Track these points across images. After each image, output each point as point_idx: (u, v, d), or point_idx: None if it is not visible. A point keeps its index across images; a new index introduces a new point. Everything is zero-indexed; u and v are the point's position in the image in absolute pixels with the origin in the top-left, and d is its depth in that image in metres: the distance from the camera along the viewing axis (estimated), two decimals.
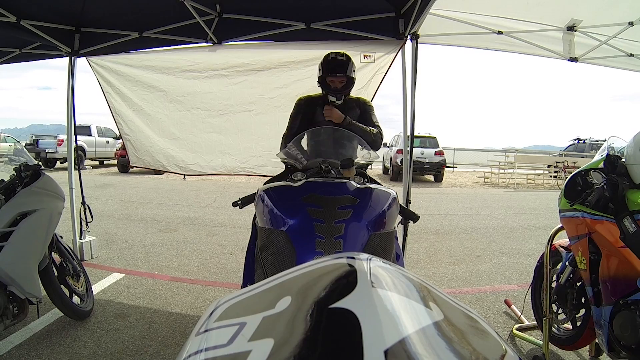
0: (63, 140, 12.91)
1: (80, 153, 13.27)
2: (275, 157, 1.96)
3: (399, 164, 11.21)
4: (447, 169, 14.04)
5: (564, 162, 13.14)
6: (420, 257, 4.51)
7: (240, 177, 6.41)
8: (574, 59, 3.49)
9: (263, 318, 0.47)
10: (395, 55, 3.20)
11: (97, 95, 3.87)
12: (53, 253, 2.65)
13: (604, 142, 2.24)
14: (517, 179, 13.01)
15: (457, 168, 17.14)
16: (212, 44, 3.42)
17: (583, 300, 2.20)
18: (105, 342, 2.47)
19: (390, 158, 13.19)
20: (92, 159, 15.36)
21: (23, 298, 2.21)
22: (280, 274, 0.56)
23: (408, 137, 3.13)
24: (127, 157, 4.36)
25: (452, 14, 3.04)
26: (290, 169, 1.94)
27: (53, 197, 2.51)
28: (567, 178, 2.20)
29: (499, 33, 3.21)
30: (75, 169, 4.10)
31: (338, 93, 2.29)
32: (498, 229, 6.09)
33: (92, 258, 4.13)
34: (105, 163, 16.23)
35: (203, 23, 3.19)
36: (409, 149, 3.13)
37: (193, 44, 3.52)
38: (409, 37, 3.03)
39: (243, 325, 0.47)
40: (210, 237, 5.22)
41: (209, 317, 0.53)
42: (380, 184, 1.70)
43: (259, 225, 1.55)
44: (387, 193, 1.53)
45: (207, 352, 0.45)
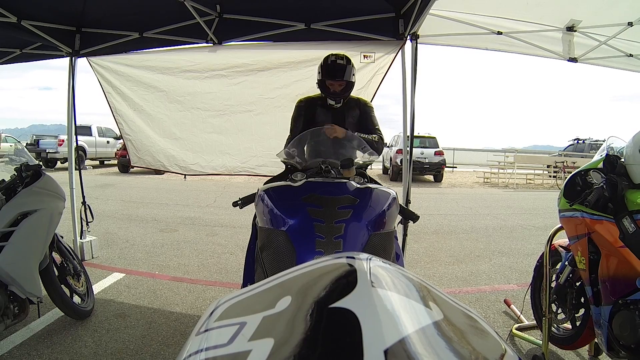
0: (64, 141, 12.92)
1: (81, 153, 13.26)
2: (276, 157, 1.97)
3: (399, 164, 11.22)
4: (446, 169, 14.02)
5: (564, 162, 13.13)
6: (420, 256, 4.51)
7: (241, 177, 6.41)
8: (574, 59, 3.49)
9: (263, 318, 0.47)
10: (395, 56, 3.20)
11: (97, 96, 3.88)
12: (54, 253, 2.65)
13: (604, 142, 2.24)
14: (516, 179, 13.00)
15: (456, 168, 17.13)
16: (212, 45, 3.41)
17: (582, 300, 2.20)
18: (106, 341, 2.47)
19: (390, 158, 13.18)
20: (92, 159, 15.36)
21: (24, 298, 2.21)
22: (280, 274, 0.56)
23: (408, 137, 3.13)
24: (127, 157, 4.36)
25: (451, 15, 3.05)
26: (291, 169, 1.95)
27: (54, 197, 2.51)
28: (566, 178, 2.20)
29: (499, 33, 3.22)
30: (76, 169, 4.10)
31: (337, 97, 2.28)
32: (498, 229, 6.08)
33: (92, 258, 4.13)
34: (106, 163, 16.23)
35: (203, 23, 3.19)
36: (409, 149, 3.14)
37: (193, 44, 3.52)
38: (409, 37, 3.03)
39: (243, 325, 0.47)
40: (211, 237, 5.22)
41: (209, 316, 0.53)
42: (380, 184, 1.70)
43: (259, 225, 1.55)
44: (387, 193, 1.54)
45: (207, 351, 0.46)
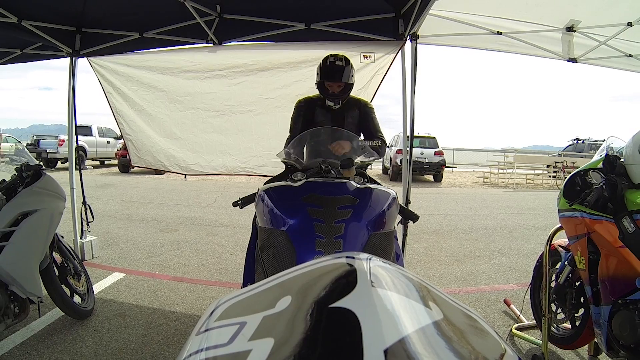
0: (64, 141, 12.93)
1: (81, 153, 13.26)
2: (276, 157, 1.97)
3: (399, 164, 11.21)
4: (446, 169, 14.02)
5: (563, 162, 13.13)
6: (420, 256, 4.52)
7: (241, 177, 6.41)
8: (573, 60, 3.49)
9: (263, 317, 0.47)
10: (395, 56, 3.20)
11: (98, 96, 3.88)
12: (54, 253, 2.66)
13: (603, 142, 2.24)
14: (516, 179, 13.00)
15: (456, 168, 17.12)
16: (212, 45, 3.42)
17: (582, 300, 2.20)
18: (106, 341, 2.47)
19: (390, 158, 13.17)
20: (93, 159, 15.37)
21: (24, 297, 2.22)
22: (281, 274, 0.56)
23: (408, 137, 3.13)
24: (128, 157, 4.36)
25: (451, 15, 3.05)
26: (291, 169, 1.95)
27: (54, 197, 2.51)
28: (566, 178, 2.21)
29: (499, 34, 3.22)
30: (76, 169, 4.10)
31: (335, 98, 2.29)
32: (497, 229, 6.09)
33: (93, 258, 4.14)
34: (106, 163, 16.23)
35: (203, 24, 3.19)
36: (409, 149, 3.14)
37: (193, 45, 3.52)
38: (409, 37, 3.03)
39: (243, 325, 0.47)
40: (211, 237, 5.22)
41: (210, 316, 0.54)
42: (380, 184, 1.71)
43: (259, 225, 1.55)
44: (386, 193, 1.54)
45: (207, 351, 0.46)
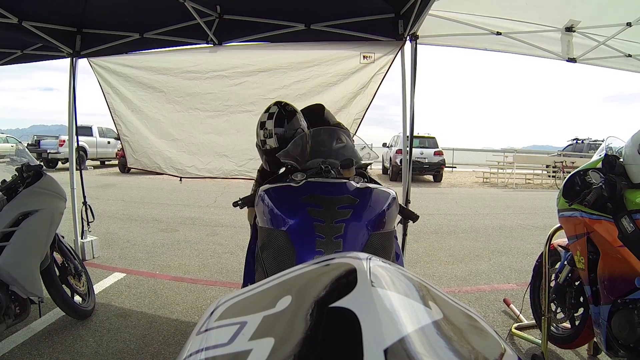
0: (64, 141, 12.93)
1: (82, 153, 13.28)
2: None
3: (399, 164, 11.21)
4: (446, 169, 14.03)
5: (563, 162, 13.13)
6: (420, 256, 4.52)
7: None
8: (573, 60, 3.50)
9: (263, 317, 0.47)
10: (395, 56, 3.20)
11: (98, 96, 3.88)
12: (55, 253, 2.66)
13: (602, 142, 2.25)
14: (515, 179, 13.01)
15: (456, 168, 17.10)
16: (212, 45, 3.41)
17: (581, 300, 2.21)
18: (107, 341, 2.48)
19: (390, 158, 13.18)
20: (93, 160, 15.36)
21: (25, 297, 2.22)
22: (281, 274, 0.56)
23: (407, 137, 3.14)
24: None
25: (451, 15, 3.05)
26: (291, 169, 1.95)
27: (55, 197, 2.52)
28: (565, 178, 2.21)
29: (498, 34, 3.22)
30: (77, 169, 4.10)
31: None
32: (497, 229, 6.09)
33: (93, 258, 4.14)
34: (107, 163, 16.22)
35: (204, 24, 3.19)
36: (409, 149, 3.14)
37: (194, 45, 3.52)
38: (409, 38, 3.03)
39: (243, 325, 0.47)
40: (211, 237, 5.23)
41: (210, 316, 0.54)
42: (380, 184, 1.71)
43: (260, 225, 1.55)
44: (386, 193, 1.54)
45: (207, 351, 0.46)
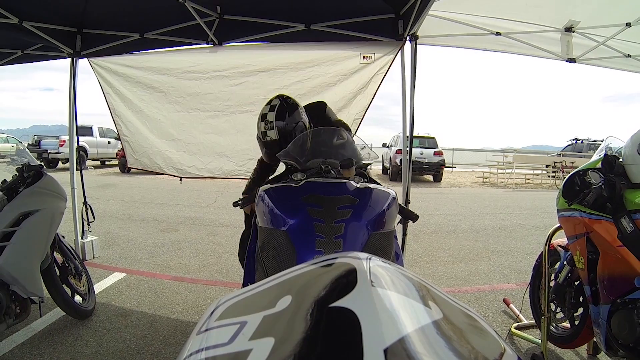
0: (65, 141, 12.92)
1: (82, 153, 13.29)
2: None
3: (399, 164, 11.21)
4: (446, 169, 14.03)
5: (562, 162, 13.13)
6: (420, 256, 4.52)
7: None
8: (572, 60, 3.50)
9: (263, 317, 0.47)
10: (395, 56, 3.20)
11: (98, 96, 3.88)
12: (55, 253, 2.66)
13: (602, 142, 2.25)
14: (515, 179, 13.01)
15: (456, 168, 17.09)
16: (212, 45, 3.41)
17: (581, 299, 2.21)
18: (107, 341, 2.48)
19: (390, 158, 13.18)
20: (93, 160, 15.36)
21: (25, 297, 2.22)
22: (281, 274, 0.56)
23: (407, 137, 3.14)
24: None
25: (451, 15, 3.06)
26: (291, 169, 1.95)
27: (55, 197, 2.52)
28: (565, 178, 2.22)
29: (498, 34, 3.22)
30: (77, 169, 4.11)
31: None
32: (497, 229, 6.09)
33: (93, 258, 4.14)
34: (107, 163, 16.22)
35: (204, 24, 3.19)
36: (408, 149, 3.15)
37: (194, 45, 3.52)
38: (408, 38, 3.03)
39: (244, 324, 0.47)
40: (211, 236, 5.23)
41: (210, 316, 0.54)
42: (380, 184, 1.71)
43: (260, 225, 1.55)
44: (386, 193, 1.54)
45: (207, 350, 0.46)
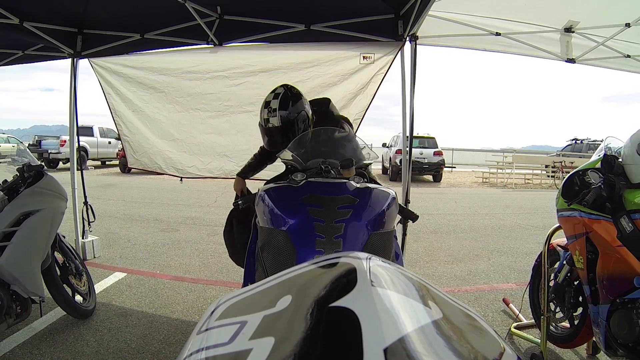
0: (65, 141, 12.92)
1: (83, 154, 13.31)
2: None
3: (398, 164, 11.21)
4: (445, 169, 14.03)
5: (562, 162, 13.14)
6: (420, 256, 4.53)
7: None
8: (572, 60, 3.50)
9: (264, 317, 0.47)
10: (395, 57, 3.20)
11: (99, 97, 3.88)
12: (56, 252, 2.67)
13: (601, 142, 2.25)
14: (515, 179, 13.01)
15: (455, 168, 17.08)
16: (213, 46, 3.42)
17: (580, 299, 2.22)
18: (108, 340, 2.49)
19: (390, 158, 13.18)
20: (94, 160, 15.37)
21: (26, 297, 2.23)
22: (281, 273, 0.56)
23: (407, 137, 3.15)
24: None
25: (450, 16, 3.06)
26: (291, 169, 1.95)
27: (56, 197, 2.52)
28: (564, 178, 2.22)
29: (497, 34, 3.23)
30: (78, 170, 4.12)
31: None
32: (496, 229, 6.10)
33: (94, 257, 4.15)
34: (108, 163, 16.23)
35: (204, 25, 3.19)
36: (408, 149, 3.15)
37: (194, 46, 3.53)
38: (408, 38, 3.04)
39: (244, 324, 0.47)
40: (212, 236, 5.23)
41: (210, 315, 0.54)
42: (380, 184, 1.72)
43: (260, 225, 1.56)
44: (386, 193, 1.54)
45: (208, 350, 0.46)
